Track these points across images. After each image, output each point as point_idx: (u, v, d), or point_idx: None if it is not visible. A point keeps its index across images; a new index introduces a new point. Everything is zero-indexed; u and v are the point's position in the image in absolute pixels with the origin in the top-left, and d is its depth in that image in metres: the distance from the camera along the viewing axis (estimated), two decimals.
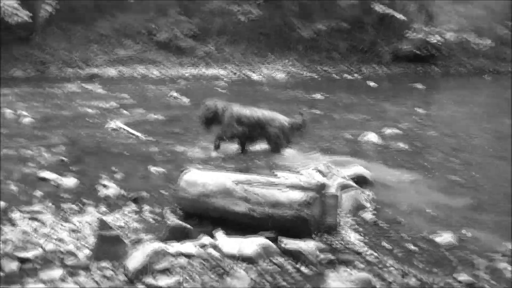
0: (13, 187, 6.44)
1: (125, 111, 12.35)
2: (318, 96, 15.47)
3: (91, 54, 23.80)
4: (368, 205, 5.82)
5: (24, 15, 18.84)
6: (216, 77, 21.69)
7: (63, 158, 7.79)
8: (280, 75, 22.40)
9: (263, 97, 15.68)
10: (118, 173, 7.11)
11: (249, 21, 24.39)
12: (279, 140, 8.31)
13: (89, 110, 12.72)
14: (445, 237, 4.91)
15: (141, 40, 24.91)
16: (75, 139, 9.39)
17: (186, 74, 22.35)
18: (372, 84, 19.42)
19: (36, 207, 5.67)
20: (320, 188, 5.00)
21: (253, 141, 8.48)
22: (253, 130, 8.29)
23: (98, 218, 5.10)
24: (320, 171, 6.91)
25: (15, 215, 5.45)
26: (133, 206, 5.77)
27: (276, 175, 6.68)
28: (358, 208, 5.70)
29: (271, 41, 25.11)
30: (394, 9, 23.89)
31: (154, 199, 6.05)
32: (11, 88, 16.96)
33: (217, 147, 8.40)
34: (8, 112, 11.99)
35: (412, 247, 4.75)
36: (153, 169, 7.28)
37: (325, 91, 16.36)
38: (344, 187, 6.03)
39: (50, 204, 5.79)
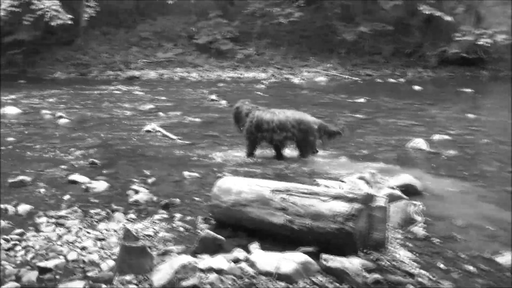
0: (42, 190, 6.21)
1: (162, 114, 12.11)
2: (361, 100, 14.88)
3: (132, 57, 23.91)
4: (418, 218, 5.27)
5: (65, 17, 18.94)
6: (256, 80, 21.32)
7: (95, 161, 7.54)
8: (321, 79, 21.86)
9: (303, 100, 15.21)
10: (151, 177, 6.79)
11: (290, 23, 23.97)
12: (305, 142, 7.82)
13: (127, 112, 12.56)
14: (508, 258, 4.33)
15: (181, 43, 24.88)
16: (110, 142, 9.16)
17: (226, 77, 22.09)
18: (417, 88, 18.63)
19: (63, 212, 5.40)
20: (367, 199, 4.50)
21: (283, 145, 7.99)
22: (276, 134, 7.78)
23: (123, 227, 4.76)
24: (365, 180, 6.40)
25: (41, 220, 5.19)
26: (164, 213, 5.42)
27: (317, 184, 6.21)
28: (407, 221, 5.16)
29: (313, 44, 24.62)
30: (441, 10, 22.95)
31: (186, 206, 5.69)
32: (51, 89, 17.07)
33: (249, 155, 8.00)
34: (46, 113, 11.94)
35: (471, 268, 4.19)
36: (186, 173, 6.92)
37: (368, 95, 15.74)
38: (392, 198, 5.50)
39: (77, 209, 5.51)
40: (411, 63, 24.07)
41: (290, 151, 8.13)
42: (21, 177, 6.55)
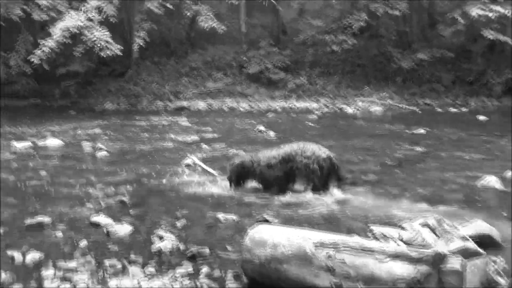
0: (59, 234, 5.54)
1: (205, 146, 11.43)
2: (420, 131, 13.71)
3: (181, 87, 23.65)
4: (502, 281, 4.20)
5: (115, 48, 18.88)
6: (308, 110, 20.49)
7: (124, 199, 6.86)
8: (376, 109, 20.76)
9: (357, 131, 14.22)
10: (181, 220, 6.02)
11: (343, 51, 23.07)
12: (312, 173, 7.09)
13: (169, 144, 11.98)
14: None
15: (232, 72, 24.44)
16: (145, 177, 8.50)
17: (276, 107, 21.36)
18: (482, 118, 17.19)
19: (74, 263, 4.69)
20: (437, 260, 3.53)
21: (294, 180, 7.37)
22: (284, 168, 7.23)
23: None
24: (429, 227, 5.36)
25: (48, 272, 4.50)
26: (189, 266, 4.60)
27: (372, 231, 5.23)
28: (488, 284, 4.10)
29: (367, 72, 23.58)
30: (505, 35, 21.44)
31: (216, 257, 4.86)
32: (98, 120, 16.87)
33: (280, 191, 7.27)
34: (86, 145, 11.52)
35: None
36: (221, 216, 6.10)
37: (428, 126, 14.53)
38: (465, 253, 4.46)
39: (92, 259, 4.79)
40: (474, 92, 22.51)
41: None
42: (40, 218, 5.94)
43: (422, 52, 22.37)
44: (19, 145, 11.60)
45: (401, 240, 5.14)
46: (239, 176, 7.57)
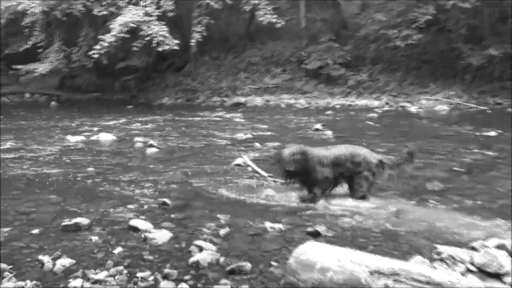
0: (95, 238, 5.21)
1: (258, 144, 10.94)
2: (491, 133, 12.62)
3: (239, 83, 23.35)
4: None
5: (172, 43, 18.75)
6: (368, 108, 19.59)
7: (167, 201, 6.47)
8: (442, 107, 19.58)
9: (420, 132, 13.30)
10: (224, 227, 5.54)
11: (408, 47, 21.93)
12: (363, 180, 6.54)
13: (222, 142, 11.59)
14: None
15: (290, 68, 23.88)
16: (192, 176, 8.11)
17: (335, 104, 20.61)
18: None
19: (104, 274, 4.31)
20: None
21: (336, 185, 6.77)
22: (335, 171, 6.58)
23: None
24: (507, 250, 4.63)
25: (74, 283, 4.13)
26: (227, 284, 4.12)
27: (439, 252, 4.56)
28: None
29: (433, 69, 22.31)
30: None
31: (258, 275, 4.34)
32: (154, 115, 16.78)
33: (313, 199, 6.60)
34: (138, 141, 11.32)
35: None
36: (269, 225, 5.58)
37: (499, 128, 13.38)
38: None
39: (123, 269, 4.40)
40: None
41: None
42: (77, 220, 5.64)
43: (493, 47, 20.88)
44: (73, 139, 11.59)
45: (473, 264, 4.46)
46: (295, 169, 6.41)
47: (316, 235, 5.31)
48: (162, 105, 21.29)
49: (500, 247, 4.69)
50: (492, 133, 12.66)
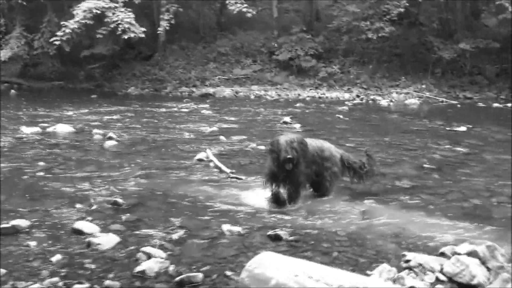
0: (33, 244, 4.70)
1: (223, 138, 10.50)
2: (461, 128, 12.46)
3: (208, 73, 22.84)
4: None
5: (139, 31, 18.08)
6: (339, 101, 19.32)
7: (119, 201, 5.98)
8: (412, 101, 19.45)
9: (391, 126, 13.05)
10: (178, 231, 5.10)
11: (380, 39, 21.74)
12: (334, 176, 6.25)
13: (186, 135, 11.10)
14: None
15: (261, 59, 23.46)
16: (150, 172, 7.63)
17: (306, 97, 20.28)
18: None
19: (37, 286, 3.82)
20: None
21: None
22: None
23: None
24: (479, 257, 4.30)
25: None
26: None
27: (407, 260, 4.21)
28: None
29: (404, 62, 22.20)
30: None
31: (211, 286, 3.92)
32: (118, 106, 16.16)
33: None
34: (97, 133, 10.75)
35: None
36: (226, 228, 5.16)
37: (469, 123, 13.25)
38: None
39: (59, 281, 3.92)
40: None
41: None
42: (16, 222, 5.11)
43: (465, 42, 20.84)
44: (27, 130, 10.95)
45: (443, 273, 4.13)
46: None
47: (277, 239, 4.92)
48: (127, 94, 20.63)
49: (472, 254, 4.36)
50: (462, 128, 12.50)
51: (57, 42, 18.79)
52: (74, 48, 22.37)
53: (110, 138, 10.08)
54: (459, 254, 4.41)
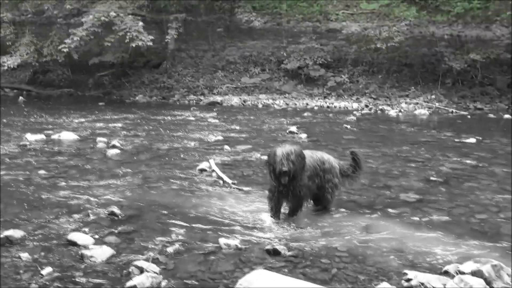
0: (24, 256, 4.60)
1: (228, 147, 10.37)
2: (470, 140, 12.21)
3: (216, 81, 22.75)
4: None
5: (146, 39, 18.06)
6: (347, 110, 19.13)
7: (116, 212, 5.87)
8: (422, 112, 19.20)
9: (399, 137, 12.85)
10: (175, 244, 4.98)
11: (389, 49, 21.55)
12: (335, 188, 6.16)
13: (190, 144, 10.99)
14: None
15: (269, 68, 23.34)
16: (151, 182, 7.52)
17: (314, 106, 20.10)
18: None
19: None
20: None
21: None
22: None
23: None
24: (483, 277, 4.14)
25: None
26: None
27: (408, 279, 4.06)
28: None
29: (414, 72, 21.96)
30: None
31: None
32: (126, 114, 16.12)
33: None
34: (101, 141, 10.68)
35: None
36: (223, 241, 5.02)
37: (479, 134, 13.00)
38: None
39: None
40: None
41: None
42: (9, 232, 5.03)
43: (475, 52, 20.59)
44: (32, 138, 10.90)
45: None
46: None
47: (275, 254, 4.78)
48: (135, 102, 20.60)
49: (477, 273, 4.20)
50: (472, 140, 12.26)
51: (65, 50, 18.80)
52: (84, 56, 22.44)
53: (114, 147, 10.00)
54: (463, 273, 4.26)
